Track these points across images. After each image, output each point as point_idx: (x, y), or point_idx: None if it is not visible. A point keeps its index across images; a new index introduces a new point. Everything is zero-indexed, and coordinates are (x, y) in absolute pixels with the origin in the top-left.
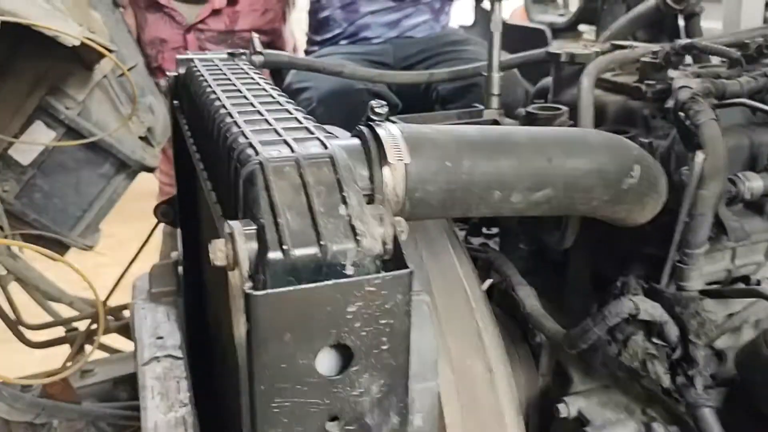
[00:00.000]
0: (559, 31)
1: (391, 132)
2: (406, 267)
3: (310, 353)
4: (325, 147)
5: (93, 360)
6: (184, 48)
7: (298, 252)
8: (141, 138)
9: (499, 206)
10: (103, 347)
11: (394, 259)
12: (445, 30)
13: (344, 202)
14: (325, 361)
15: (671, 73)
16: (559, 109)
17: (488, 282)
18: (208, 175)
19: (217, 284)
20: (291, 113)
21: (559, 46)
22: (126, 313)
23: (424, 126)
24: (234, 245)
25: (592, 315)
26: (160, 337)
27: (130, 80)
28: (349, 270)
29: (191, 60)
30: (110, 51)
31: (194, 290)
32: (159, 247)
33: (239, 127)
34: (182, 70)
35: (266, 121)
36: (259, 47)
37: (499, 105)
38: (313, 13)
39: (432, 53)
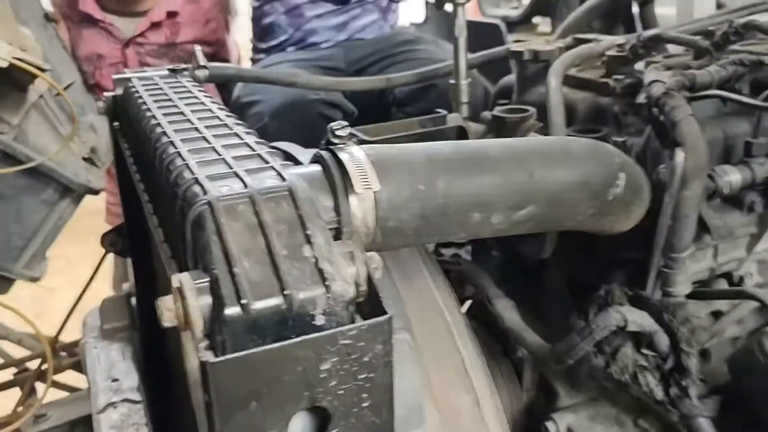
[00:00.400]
0: (513, 25)
1: (355, 156)
2: (384, 312)
3: (281, 421)
4: (282, 178)
5: (46, 402)
6: (123, 63)
7: (259, 305)
8: (84, 159)
9: (479, 229)
10: (57, 385)
11: (369, 301)
12: (395, 30)
13: (308, 241)
14: (299, 427)
15: (639, 66)
16: (526, 110)
17: (467, 303)
18: (153, 208)
19: None
20: (241, 138)
21: (519, 44)
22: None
23: (390, 146)
24: (184, 302)
25: (578, 329)
26: (116, 380)
27: (67, 100)
28: (320, 320)
29: (129, 80)
30: (43, 70)
31: (150, 323)
32: (110, 269)
33: (183, 159)
34: (120, 91)
35: (214, 149)
36: (202, 60)
37: (468, 113)
38: (256, 19)
39: (384, 54)
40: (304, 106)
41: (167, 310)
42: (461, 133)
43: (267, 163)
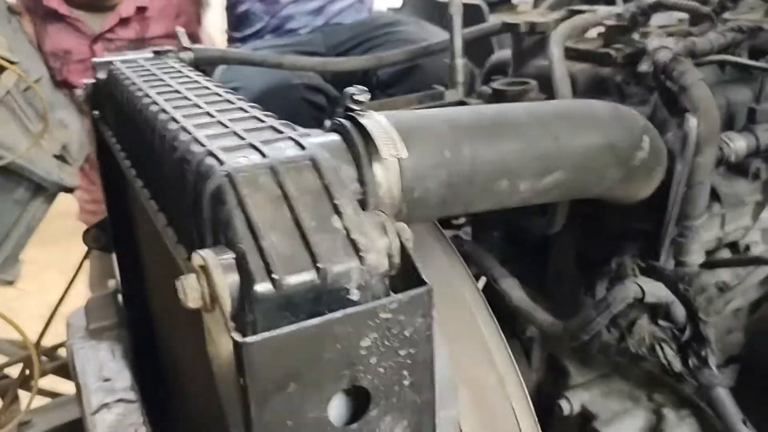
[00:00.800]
0: (494, 5)
1: (379, 122)
2: (424, 282)
3: (321, 403)
4: (302, 147)
5: (30, 409)
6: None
7: (292, 280)
8: (56, 156)
9: (506, 197)
10: (40, 392)
11: (404, 274)
12: (373, 13)
13: (337, 211)
14: (339, 410)
15: (639, 35)
16: (527, 83)
17: (482, 280)
18: (151, 193)
19: (167, 311)
20: (247, 111)
21: (515, 16)
22: (62, 351)
23: (408, 112)
24: (210, 280)
25: (594, 304)
26: (108, 379)
27: (40, 93)
28: (354, 295)
29: (111, 63)
30: (13, 63)
31: (140, 320)
32: (86, 270)
33: (189, 132)
34: (102, 75)
35: (221, 123)
36: (186, 42)
37: (465, 92)
38: (230, 8)
39: (364, 38)
40: (286, 92)
41: (191, 289)
42: None
43: (281, 133)
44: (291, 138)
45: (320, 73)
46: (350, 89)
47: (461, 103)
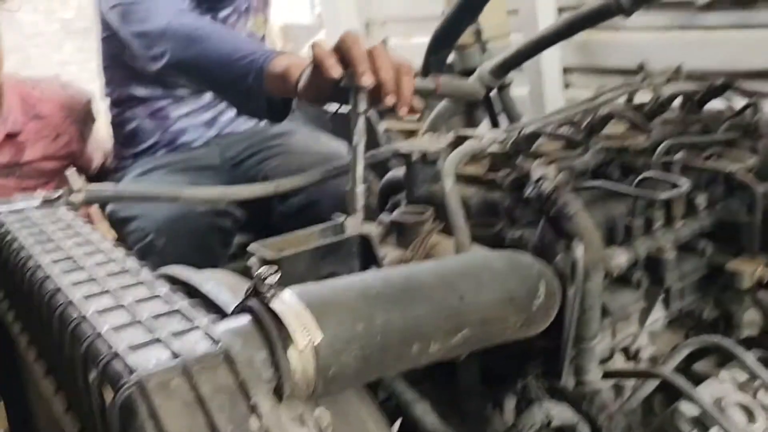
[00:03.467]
0: (380, 113)
1: (291, 306)
2: None
3: None
4: (215, 340)
5: None
6: None
7: None
8: None
9: (418, 359)
10: None
11: None
12: (265, 124)
13: (254, 411)
14: None
15: (522, 160)
16: (423, 212)
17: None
18: (47, 368)
19: None
20: (152, 289)
21: (406, 144)
22: None
23: (320, 285)
24: None
25: (506, 430)
26: None
27: None
28: None
29: None
30: None
31: None
32: None
33: (93, 326)
34: None
35: (124, 307)
36: (76, 185)
37: (363, 218)
38: (117, 126)
39: (258, 148)
40: (193, 218)
41: None
42: (365, 242)
43: (191, 320)
44: (200, 327)
45: None
46: (260, 271)
47: (364, 237)
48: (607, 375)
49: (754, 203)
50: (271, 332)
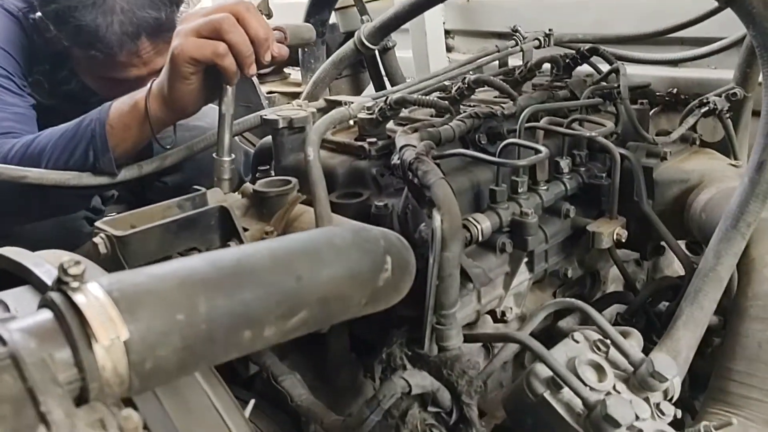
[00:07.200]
0: (264, 75)
1: (94, 298)
2: None
3: None
4: (3, 342)
5: None
6: None
7: None
8: None
9: (252, 346)
10: None
11: None
12: None
13: (43, 420)
14: None
15: (390, 127)
16: (288, 182)
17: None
18: None
19: None
20: None
21: (272, 110)
22: None
23: (136, 273)
24: None
25: (367, 401)
26: None
27: None
28: None
29: None
30: None
31: None
32: None
33: None
34: None
35: None
36: None
37: (230, 188)
38: None
39: None
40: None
41: None
42: (224, 214)
43: None
44: None
45: None
46: (63, 261)
47: (222, 209)
48: (467, 340)
49: (613, 166)
50: (73, 327)
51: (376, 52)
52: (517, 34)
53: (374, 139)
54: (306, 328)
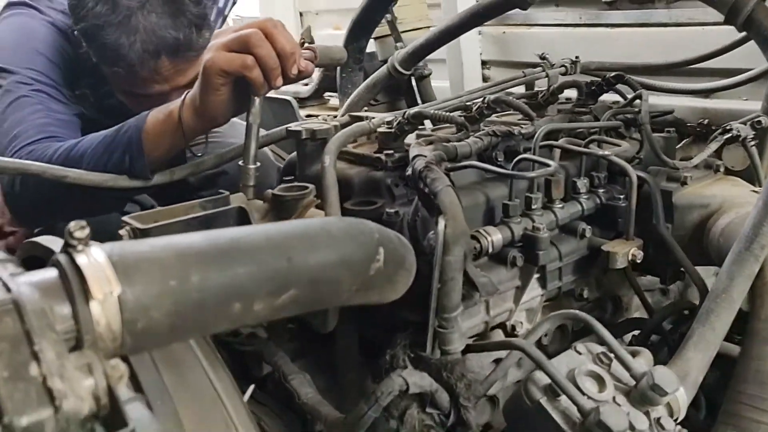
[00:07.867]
0: (304, 100)
1: (94, 259)
2: (125, 424)
3: None
4: (8, 289)
5: None
6: None
7: None
8: None
9: (241, 318)
10: None
11: (112, 415)
12: None
13: (36, 358)
14: None
15: (410, 139)
16: (305, 188)
17: (251, 389)
18: None
19: None
20: None
21: (300, 122)
22: None
23: (139, 242)
24: None
25: (365, 398)
26: None
27: None
28: None
29: None
30: None
31: None
32: None
33: None
34: None
35: None
36: None
37: (253, 195)
38: None
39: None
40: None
41: None
42: (241, 214)
43: None
44: (1, 279)
45: None
46: (70, 225)
47: (240, 209)
48: (471, 349)
49: (629, 187)
50: (73, 283)
51: (413, 81)
52: (545, 61)
53: (391, 151)
54: (296, 307)
